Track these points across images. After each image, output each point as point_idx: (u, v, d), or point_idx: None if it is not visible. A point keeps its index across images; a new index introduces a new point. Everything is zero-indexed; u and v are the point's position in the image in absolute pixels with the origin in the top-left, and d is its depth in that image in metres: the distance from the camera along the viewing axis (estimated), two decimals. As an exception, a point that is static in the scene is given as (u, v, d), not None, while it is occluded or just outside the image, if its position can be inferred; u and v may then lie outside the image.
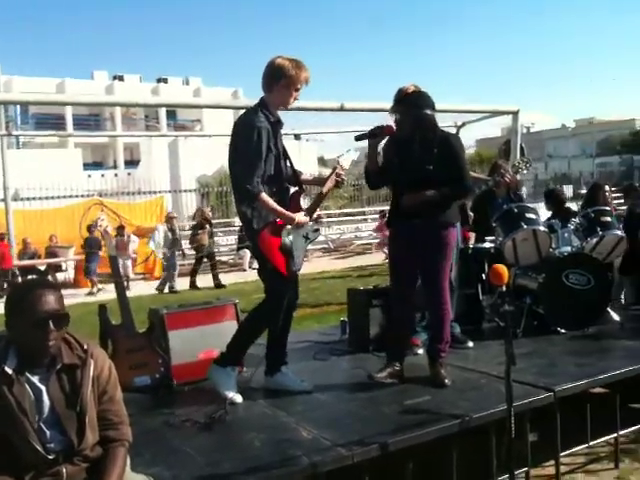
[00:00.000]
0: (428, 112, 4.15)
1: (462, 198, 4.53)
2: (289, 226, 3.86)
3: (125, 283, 12.50)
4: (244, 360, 4.24)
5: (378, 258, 17.33)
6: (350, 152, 4.27)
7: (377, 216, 21.03)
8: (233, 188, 3.95)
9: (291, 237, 3.87)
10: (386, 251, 16.88)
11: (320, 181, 4.33)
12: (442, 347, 4.22)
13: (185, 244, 15.96)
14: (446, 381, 4.06)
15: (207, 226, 15.51)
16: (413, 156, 4.14)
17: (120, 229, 15.58)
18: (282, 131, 4.04)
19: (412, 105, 4.17)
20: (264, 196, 3.75)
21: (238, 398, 3.88)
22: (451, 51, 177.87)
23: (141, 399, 4.00)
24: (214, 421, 3.54)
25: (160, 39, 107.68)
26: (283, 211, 3.83)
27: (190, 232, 16.34)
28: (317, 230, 4.16)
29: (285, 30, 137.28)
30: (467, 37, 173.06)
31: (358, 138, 4.32)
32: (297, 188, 4.09)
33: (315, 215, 4.27)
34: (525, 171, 5.91)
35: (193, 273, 14.92)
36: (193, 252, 15.53)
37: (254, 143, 3.74)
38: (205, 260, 15.10)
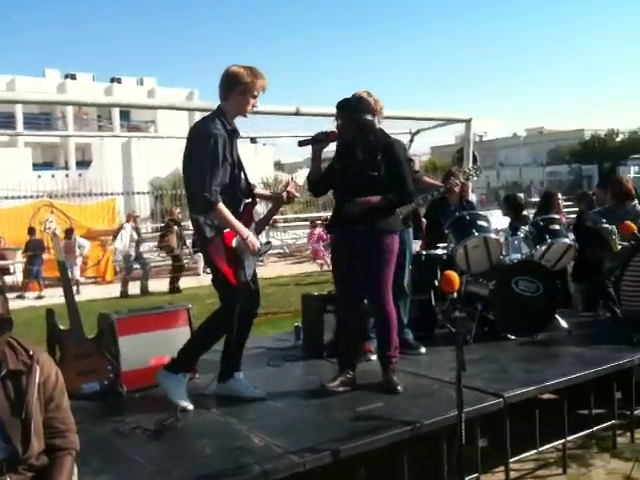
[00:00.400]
0: (369, 117, 4.16)
1: (406, 204, 4.54)
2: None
3: (75, 287, 12.29)
4: (197, 366, 4.20)
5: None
6: (304, 169, 4.28)
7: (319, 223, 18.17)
8: (187, 195, 3.90)
9: (242, 248, 3.82)
10: (319, 262, 16.89)
11: (272, 197, 4.33)
12: (392, 353, 4.22)
13: (143, 247, 15.69)
14: (398, 387, 4.07)
15: (175, 227, 15.23)
16: (355, 162, 4.15)
17: (68, 232, 15.26)
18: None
19: (353, 110, 4.18)
20: (221, 206, 3.69)
21: (189, 405, 3.83)
22: (408, 57, 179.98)
23: (90, 406, 3.92)
24: (165, 428, 3.49)
25: (114, 38, 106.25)
26: (238, 225, 3.77)
27: (158, 234, 16.04)
28: (269, 243, 4.22)
29: (243, 31, 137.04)
30: (422, 42, 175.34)
31: (301, 143, 4.30)
32: (250, 200, 4.06)
33: (271, 221, 4.27)
34: (475, 178, 6.03)
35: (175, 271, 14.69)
36: (150, 255, 15.26)
37: (210, 150, 3.68)
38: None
